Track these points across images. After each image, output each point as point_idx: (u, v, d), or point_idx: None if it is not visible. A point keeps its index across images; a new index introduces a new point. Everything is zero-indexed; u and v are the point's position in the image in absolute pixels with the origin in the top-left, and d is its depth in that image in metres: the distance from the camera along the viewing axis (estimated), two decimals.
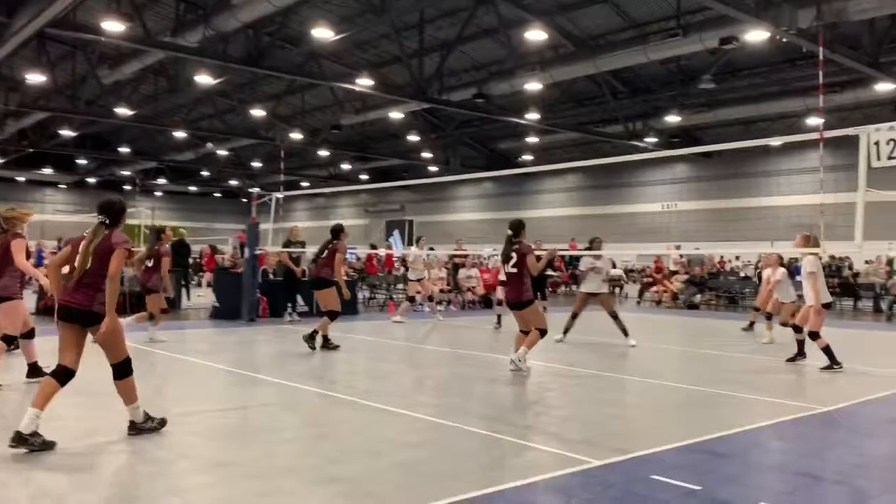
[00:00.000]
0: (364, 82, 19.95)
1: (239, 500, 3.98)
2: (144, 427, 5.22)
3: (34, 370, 7.18)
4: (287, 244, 14.06)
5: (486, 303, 18.50)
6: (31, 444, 4.67)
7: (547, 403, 7.19)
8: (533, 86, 19.49)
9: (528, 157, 31.11)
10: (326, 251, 10.14)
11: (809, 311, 8.92)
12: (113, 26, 15.71)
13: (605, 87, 22.53)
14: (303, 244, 14.60)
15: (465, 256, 19.16)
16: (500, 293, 12.50)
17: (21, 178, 42.33)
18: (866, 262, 20.89)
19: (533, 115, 23.10)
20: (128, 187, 45.12)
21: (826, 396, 7.33)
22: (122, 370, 5.13)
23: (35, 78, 21.27)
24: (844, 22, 14.37)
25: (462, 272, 18.55)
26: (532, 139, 28.12)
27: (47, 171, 39.91)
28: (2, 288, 6.72)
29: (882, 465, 5.17)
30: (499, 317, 13.27)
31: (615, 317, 10.98)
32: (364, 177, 38.71)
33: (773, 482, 4.55)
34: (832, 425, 6.24)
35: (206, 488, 4.20)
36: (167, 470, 4.57)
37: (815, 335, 8.81)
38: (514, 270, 8.28)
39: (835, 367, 8.76)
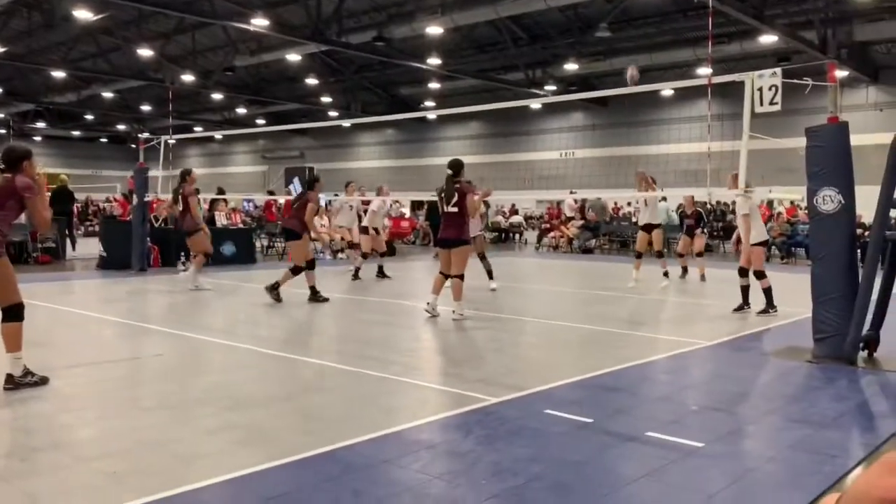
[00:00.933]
0: (259, 22, 19.10)
1: (129, 451, 3.85)
2: (23, 381, 4.97)
3: None
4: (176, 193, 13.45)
5: (391, 251, 18.47)
6: None
7: (445, 346, 7.29)
8: (434, 30, 19.25)
9: (430, 104, 30.88)
10: (298, 202, 9.87)
11: (751, 252, 8.83)
12: None
13: (506, 33, 22.50)
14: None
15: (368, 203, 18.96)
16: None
17: None
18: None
19: (434, 61, 22.86)
20: (1, 131, 41.94)
21: (712, 332, 7.77)
22: (12, 314, 5.01)
23: None
24: None
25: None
26: (434, 85, 27.89)
27: None
28: None
29: (761, 392, 5.55)
30: (357, 269, 12.62)
31: (483, 258, 11.07)
32: (261, 122, 37.42)
33: (659, 412, 4.79)
34: (716, 359, 6.63)
35: (92, 443, 4.03)
36: (52, 423, 4.35)
37: (760, 274, 8.78)
38: (455, 210, 8.30)
39: (770, 310, 8.71)
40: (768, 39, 19.31)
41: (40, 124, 40.24)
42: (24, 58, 25.23)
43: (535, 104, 24.19)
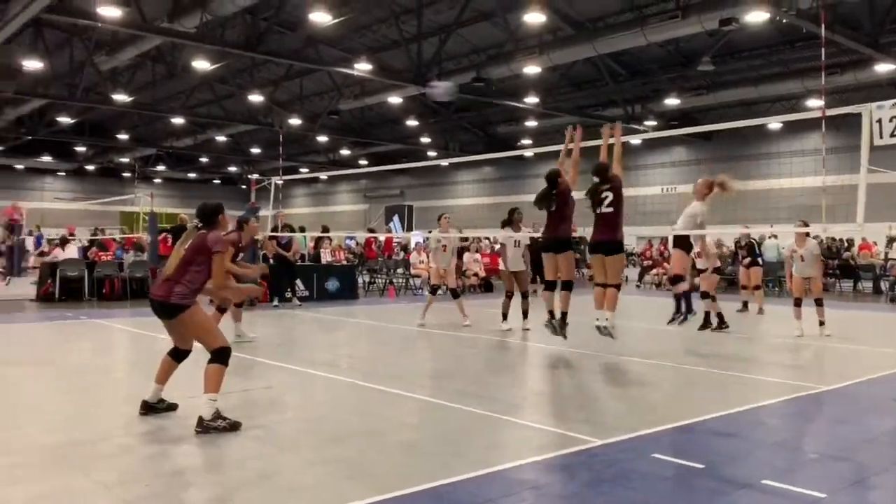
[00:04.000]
0: (362, 67, 19.85)
1: (240, 480, 4.00)
2: (212, 425, 4.89)
3: None
4: (274, 230, 14.05)
5: (486, 287, 18.56)
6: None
7: (546, 384, 7.20)
8: (531, 69, 19.39)
9: (527, 142, 31.01)
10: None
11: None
12: (109, 12, 15.60)
13: (604, 70, 22.41)
14: (291, 229, 14.65)
15: (467, 240, 19.19)
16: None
17: (20, 166, 42.20)
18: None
19: (532, 99, 23.01)
20: (127, 174, 45.04)
21: (828, 376, 7.35)
22: (219, 357, 5.07)
23: (32, 64, 21.14)
24: (844, 2, 14.26)
25: (467, 256, 18.60)
26: (531, 123, 28.02)
27: (46, 158, 39.77)
28: None
29: (884, 440, 5.19)
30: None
31: (525, 296, 10.58)
32: (363, 162, 38.61)
33: (776, 459, 4.56)
34: (834, 403, 6.26)
35: (201, 471, 4.21)
36: (170, 451, 4.58)
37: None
38: (611, 210, 7.53)
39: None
40: (884, 68, 18.37)
41: (160, 167, 42.96)
42: (149, 106, 27.12)
43: (636, 140, 23.81)
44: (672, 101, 23.23)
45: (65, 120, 30.04)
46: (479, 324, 11.25)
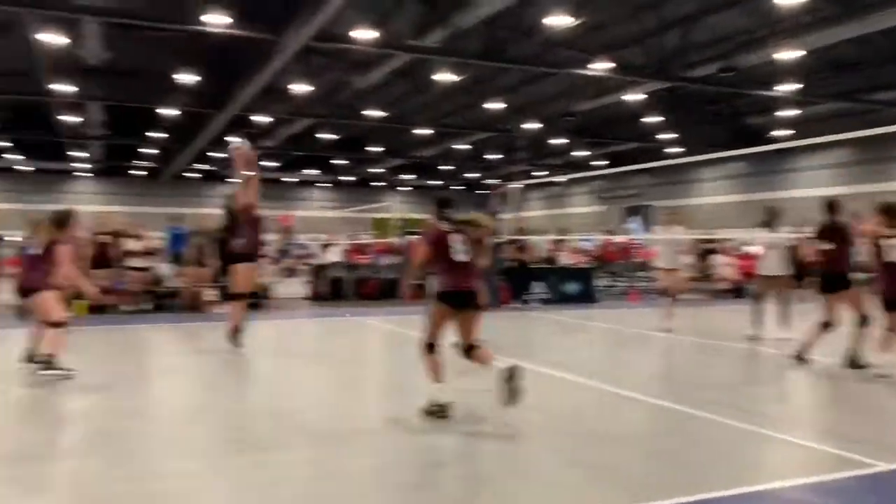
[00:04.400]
0: (600, 66, 19.58)
1: (497, 471, 4.12)
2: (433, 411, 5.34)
3: None
4: (517, 233, 14.32)
5: (736, 292, 17.39)
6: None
7: (815, 397, 6.57)
8: (787, 55, 17.82)
9: (782, 133, 28.55)
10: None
11: None
12: (364, 34, 16.96)
13: (874, 49, 19.92)
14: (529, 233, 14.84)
15: (713, 241, 18.19)
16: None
17: (289, 179, 47.42)
18: None
19: (787, 87, 21.13)
20: (378, 184, 48.75)
21: None
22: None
23: (300, 88, 23.64)
24: None
25: (718, 258, 17.63)
26: (785, 112, 25.75)
27: (311, 171, 44.36)
28: None
29: None
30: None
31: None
32: (599, 162, 38.08)
33: None
34: None
35: (462, 462, 4.39)
36: (423, 441, 4.85)
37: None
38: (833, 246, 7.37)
39: None
40: None
41: (408, 176, 45.90)
42: (399, 120, 29.12)
43: None
44: None
45: (326, 136, 33.23)
46: (723, 331, 10.56)
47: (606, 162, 37.47)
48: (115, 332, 10.43)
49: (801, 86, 21.24)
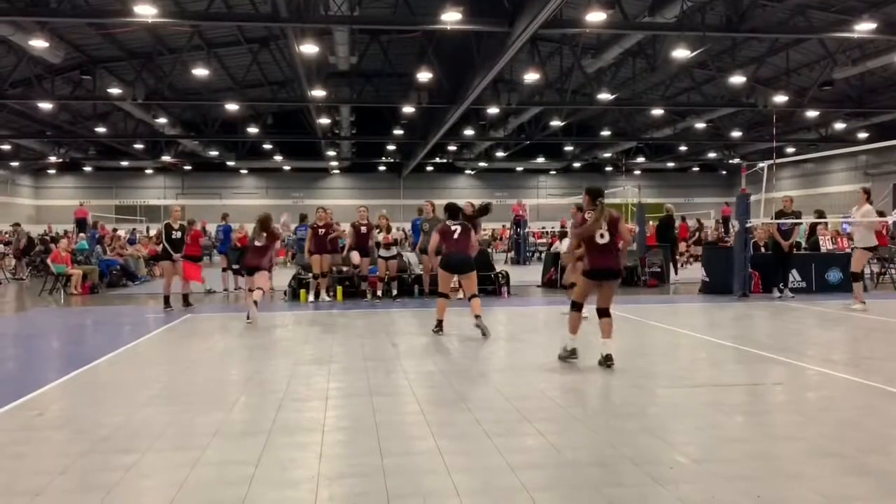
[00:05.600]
0: (864, 27, 17.42)
1: (751, 477, 3.81)
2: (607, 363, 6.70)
3: None
4: (778, 215, 13.14)
5: None
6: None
7: None
8: None
9: None
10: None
11: None
12: (595, 17, 16.62)
13: None
14: (797, 215, 13.50)
15: None
16: None
17: (520, 168, 48.09)
18: None
19: None
20: (609, 168, 47.76)
21: None
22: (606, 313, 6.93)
23: (529, 77, 23.82)
24: None
25: None
26: None
27: (540, 159, 44.61)
28: None
29: None
30: None
31: None
32: (862, 135, 33.96)
33: None
34: None
35: (712, 462, 4.12)
36: (674, 438, 4.63)
37: None
38: None
39: None
40: None
41: (640, 159, 44.44)
42: (629, 101, 28.23)
43: None
44: None
45: (555, 123, 33.19)
46: None
47: (867, 135, 33.33)
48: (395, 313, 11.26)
49: None
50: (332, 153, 41.91)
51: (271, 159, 42.38)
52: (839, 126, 33.15)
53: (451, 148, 42.12)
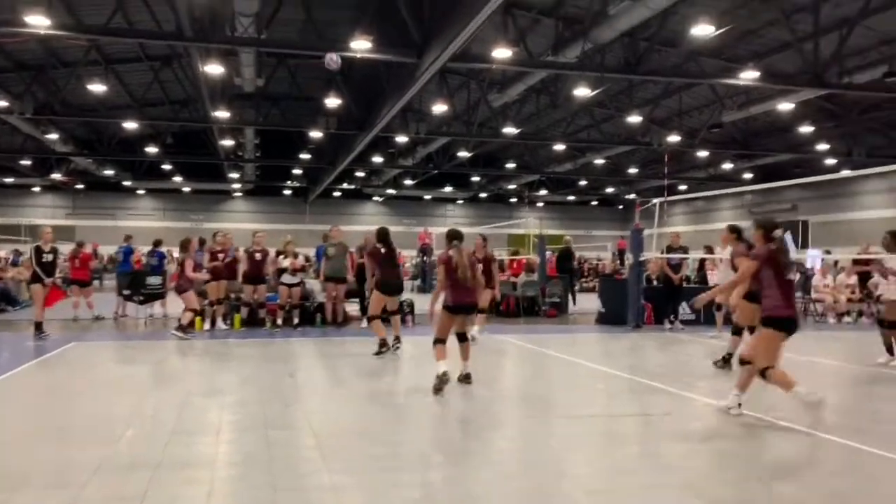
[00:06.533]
0: (748, 75, 18.62)
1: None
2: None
3: None
4: (668, 250, 13.76)
5: None
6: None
7: None
8: None
9: None
10: None
11: None
12: (501, 53, 17.05)
13: None
14: (684, 250, 14.18)
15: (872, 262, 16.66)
16: None
17: (427, 196, 48.45)
18: None
19: None
20: (514, 200, 48.82)
21: None
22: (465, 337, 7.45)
23: (438, 108, 24.15)
24: None
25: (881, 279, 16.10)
26: None
27: (447, 188, 45.14)
28: None
29: None
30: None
31: None
32: (748, 175, 36.19)
33: None
34: None
35: (600, 493, 4.24)
36: (568, 470, 4.73)
37: None
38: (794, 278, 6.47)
39: None
40: None
41: (542, 192, 45.68)
42: (533, 136, 29.06)
43: None
44: None
45: (463, 154, 33.70)
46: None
47: (751, 175, 35.57)
48: (274, 344, 11.00)
49: None
50: (234, 175, 40.97)
51: (170, 180, 41.01)
52: (727, 166, 35.17)
53: (360, 174, 42.03)
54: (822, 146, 29.01)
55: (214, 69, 18.41)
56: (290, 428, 5.68)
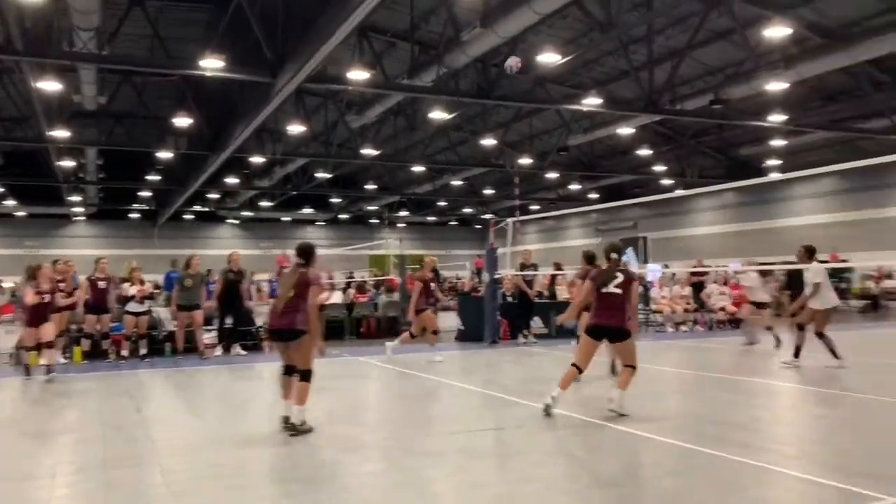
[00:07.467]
0: (591, 101, 19.81)
1: None
2: (300, 429, 6.13)
3: None
4: (521, 268, 14.32)
5: (735, 322, 17.34)
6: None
7: (815, 431, 6.52)
8: (776, 86, 18.06)
9: (773, 163, 28.81)
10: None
11: None
12: (357, 75, 17.15)
13: (864, 78, 20.22)
14: (535, 267, 14.83)
15: (705, 274, 18.16)
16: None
17: (286, 218, 47.51)
18: None
19: (778, 117, 21.39)
20: (374, 221, 48.89)
21: None
22: (307, 375, 6.25)
23: (295, 128, 23.85)
24: None
25: (712, 288, 17.51)
26: (777, 142, 26.04)
27: (307, 210, 44.50)
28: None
29: None
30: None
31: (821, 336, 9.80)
32: (594, 195, 38.34)
33: None
34: None
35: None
36: (425, 488, 4.80)
37: None
38: (619, 291, 6.91)
39: None
40: None
41: (403, 213, 46.09)
42: (393, 157, 29.34)
43: None
44: None
45: (322, 175, 33.42)
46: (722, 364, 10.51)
47: (597, 195, 37.73)
48: (112, 377, 10.35)
49: (789, 116, 21.47)
50: (75, 198, 38.31)
51: (1, 204, 37.78)
52: (574, 187, 37.10)
53: (213, 196, 40.56)
54: (659, 168, 31.26)
55: (50, 85, 17.22)
56: (136, 466, 5.38)
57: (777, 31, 16.14)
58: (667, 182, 32.33)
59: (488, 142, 27.32)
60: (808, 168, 13.05)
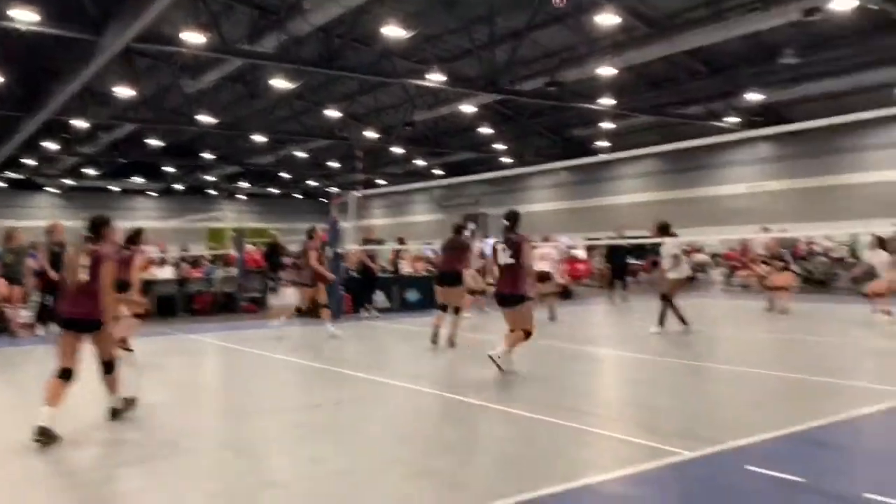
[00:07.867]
0: (435, 77, 20.02)
1: (333, 493, 4.10)
2: (124, 411, 5.80)
3: None
4: (365, 242, 14.33)
5: (565, 295, 18.35)
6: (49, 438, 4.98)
7: (637, 395, 7.08)
8: (606, 71, 19.14)
9: (603, 144, 30.59)
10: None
11: None
12: (192, 37, 16.26)
13: (682, 67, 21.88)
14: (380, 242, 14.89)
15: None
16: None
17: (115, 188, 44.41)
18: None
19: (607, 101, 22.69)
20: (212, 192, 46.80)
21: None
22: (110, 367, 5.64)
23: (123, 91, 22.24)
24: None
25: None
26: (607, 125, 27.64)
27: (138, 179, 41.79)
28: None
29: None
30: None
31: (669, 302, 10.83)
32: (438, 172, 38.93)
33: (880, 473, 4.35)
34: None
35: (301, 481, 4.34)
36: (262, 465, 4.74)
37: None
38: (512, 261, 7.71)
39: None
40: None
41: (244, 184, 44.45)
42: (232, 126, 28.14)
43: (720, 138, 23.09)
44: (755, 97, 22.46)
45: (154, 142, 31.47)
46: (558, 334, 11.13)
47: (442, 172, 38.34)
48: None
49: (618, 100, 22.85)
50: None
51: None
52: (420, 163, 37.45)
53: (30, 162, 37.07)
54: (499, 146, 32.24)
55: None
56: None
57: (607, 19, 17.03)
58: (506, 160, 33.42)
59: (333, 113, 26.91)
60: (634, 149, 14.00)
